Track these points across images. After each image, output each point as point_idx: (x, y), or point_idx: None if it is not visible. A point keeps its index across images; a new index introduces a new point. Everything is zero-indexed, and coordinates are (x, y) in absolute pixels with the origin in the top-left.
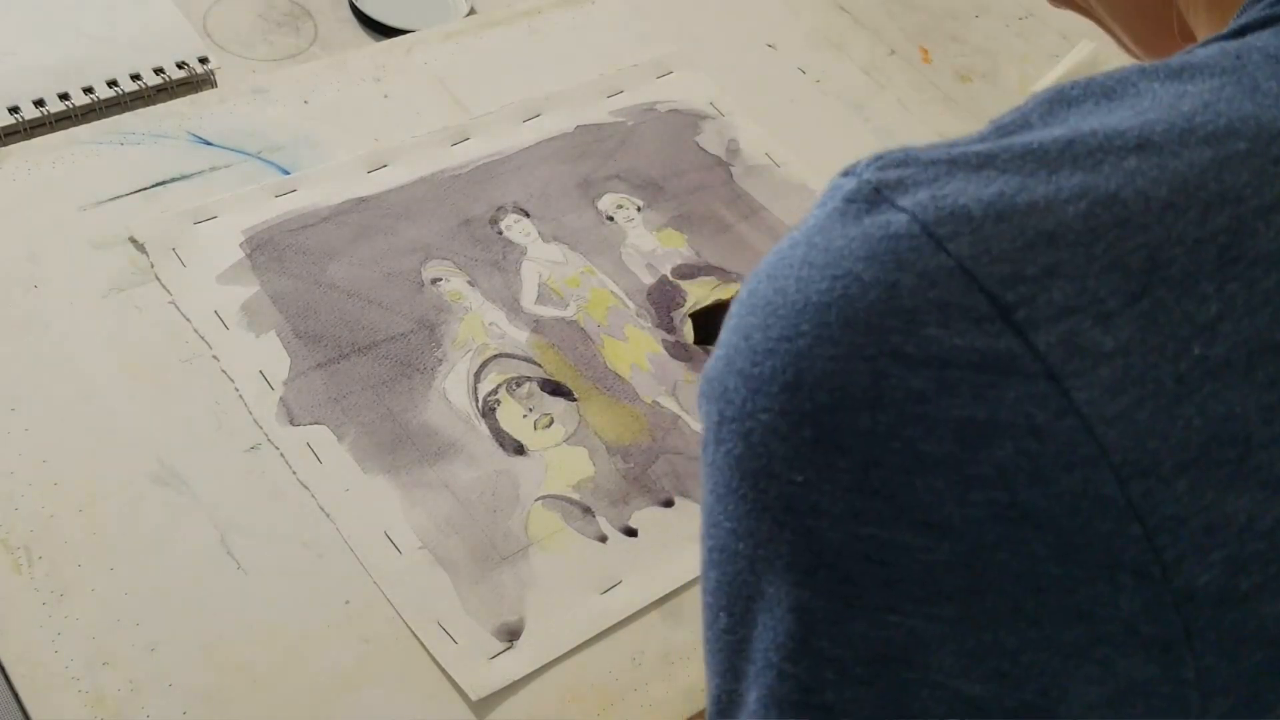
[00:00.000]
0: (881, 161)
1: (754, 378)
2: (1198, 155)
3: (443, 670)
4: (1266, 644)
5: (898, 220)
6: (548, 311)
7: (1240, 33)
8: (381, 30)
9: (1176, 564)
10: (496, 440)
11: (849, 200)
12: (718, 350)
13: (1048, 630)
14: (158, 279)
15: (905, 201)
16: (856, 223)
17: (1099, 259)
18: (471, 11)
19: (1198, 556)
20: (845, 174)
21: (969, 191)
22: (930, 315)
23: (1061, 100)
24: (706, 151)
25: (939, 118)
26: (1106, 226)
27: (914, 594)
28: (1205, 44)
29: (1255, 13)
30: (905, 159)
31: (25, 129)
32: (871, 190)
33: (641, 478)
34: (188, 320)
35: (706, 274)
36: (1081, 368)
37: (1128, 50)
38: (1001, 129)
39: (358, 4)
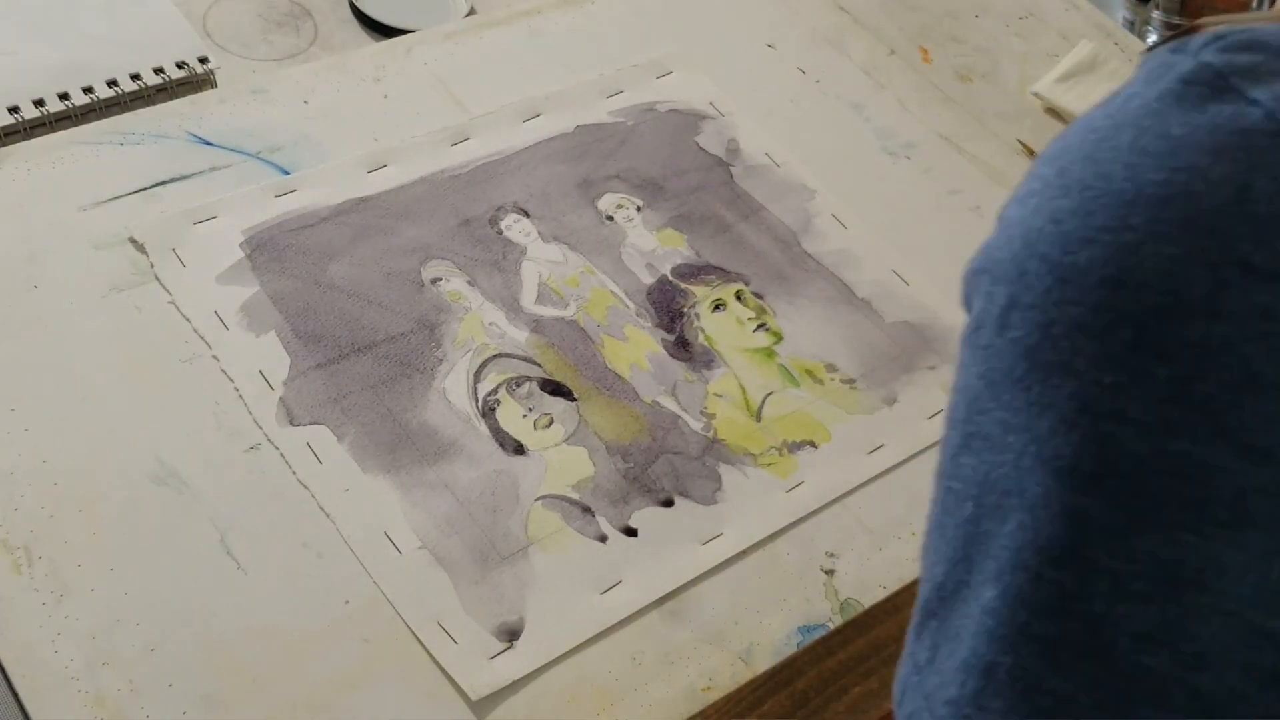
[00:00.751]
0: (1225, 42)
1: (1064, 266)
2: None
3: (443, 670)
4: None
5: (1252, 114)
6: (548, 311)
7: None
8: (381, 30)
9: None
10: (496, 440)
11: (1187, 82)
12: (1008, 228)
13: None
14: (158, 279)
15: (1260, 93)
16: (1199, 110)
17: None
18: (471, 11)
19: None
20: (1175, 50)
21: None
22: None
23: None
24: (706, 151)
25: (939, 118)
26: None
27: (1220, 517)
28: None
29: None
30: (1253, 42)
31: (25, 129)
32: (1215, 74)
33: (641, 478)
34: (188, 320)
35: (706, 274)
36: None
37: None
38: None
39: (358, 4)
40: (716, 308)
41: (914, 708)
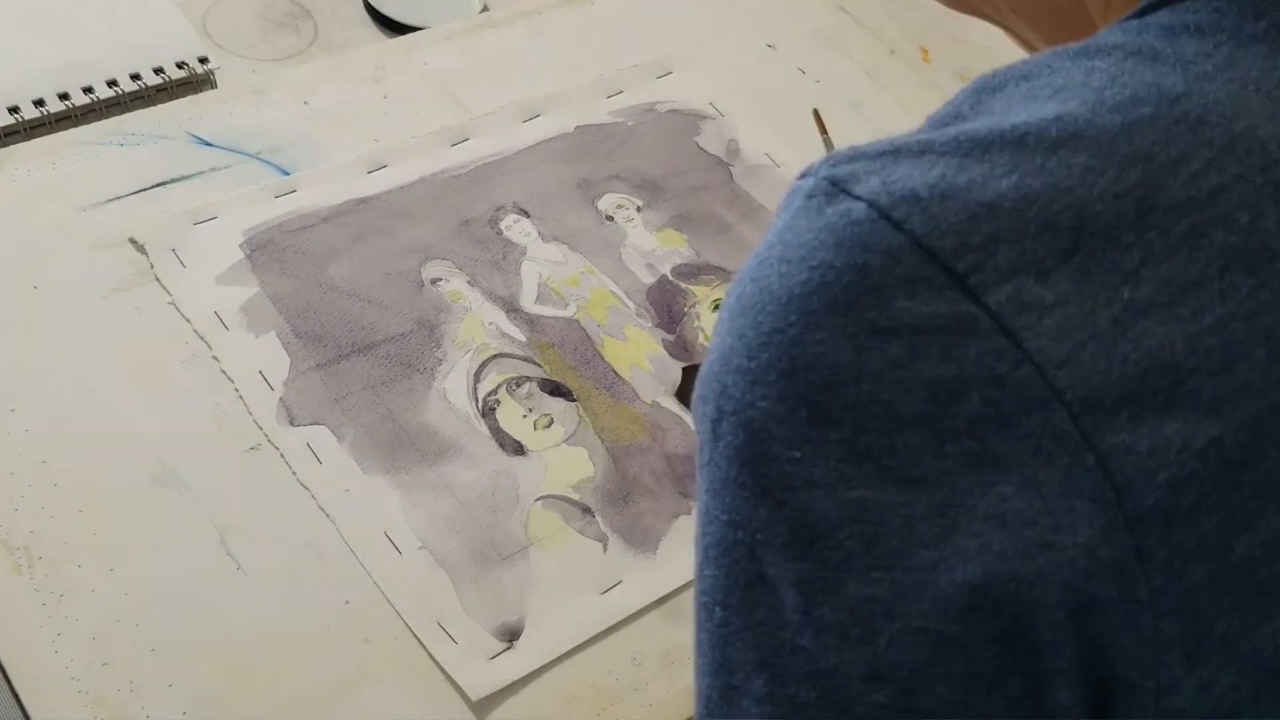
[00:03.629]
0: (833, 160)
1: (751, 370)
2: (1109, 122)
3: (443, 670)
4: (1205, 558)
5: (856, 208)
6: (548, 311)
7: (1141, 14)
8: (394, 27)
9: (1127, 488)
10: (496, 440)
11: (809, 196)
12: (710, 355)
13: (1012, 563)
14: (158, 280)
15: (860, 190)
16: (820, 215)
17: (1033, 223)
18: (485, 9)
19: (1145, 479)
20: (802, 176)
21: (914, 176)
22: (898, 289)
23: (986, 89)
24: (706, 151)
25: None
26: (1036, 193)
27: (893, 548)
28: (1110, 29)
29: None
30: (853, 155)
31: (25, 129)
32: (828, 184)
33: (641, 477)
34: (188, 321)
35: (706, 274)
36: (1029, 321)
37: (1030, 47)
38: (936, 121)
39: (373, 2)
40: (716, 308)
41: None
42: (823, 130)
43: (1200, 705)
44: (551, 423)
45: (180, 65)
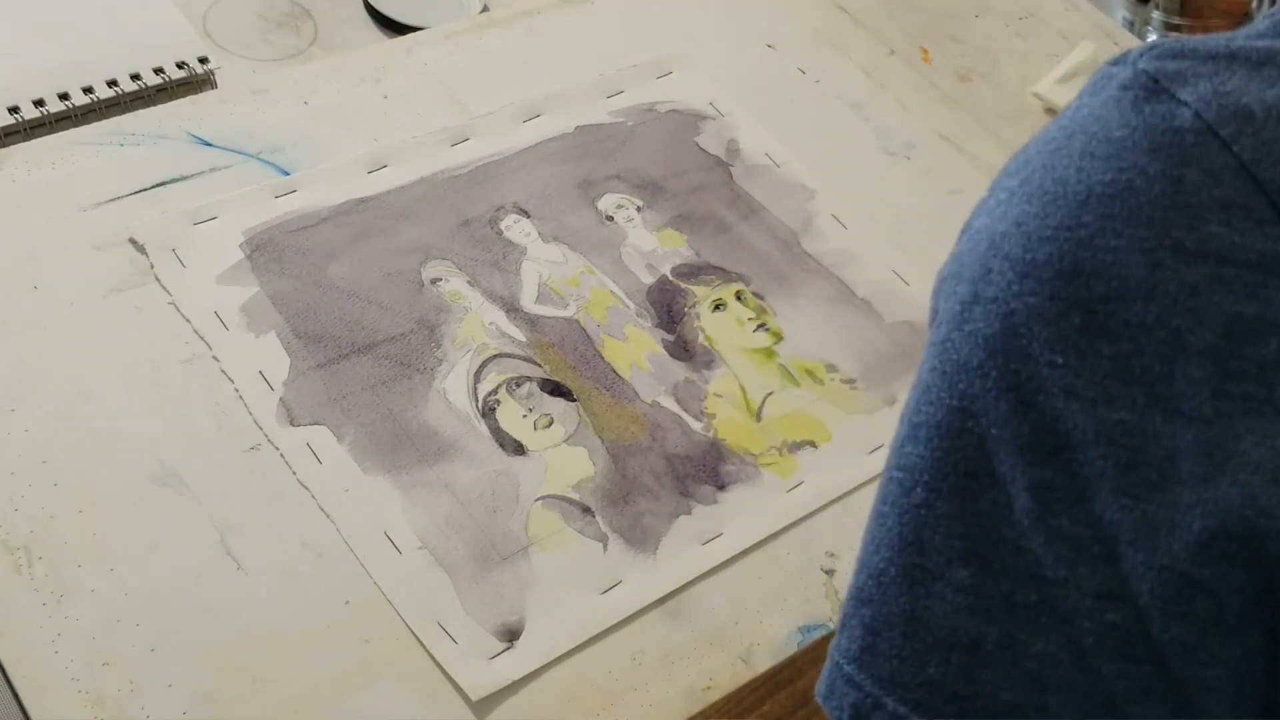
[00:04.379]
0: (1158, 51)
1: (1025, 263)
2: None
3: (443, 670)
4: None
5: (1181, 114)
6: (548, 311)
7: None
8: (394, 27)
9: None
10: (496, 440)
11: (1125, 88)
12: (974, 235)
13: (1278, 520)
14: (158, 280)
15: (1187, 94)
16: (1136, 112)
17: None
18: (485, 9)
19: None
20: (1115, 63)
21: (1251, 90)
22: (1213, 213)
23: None
24: (706, 151)
25: (939, 118)
26: None
27: (1150, 479)
28: None
29: None
30: (1182, 50)
31: (25, 129)
32: (1149, 79)
33: (641, 477)
34: (187, 321)
35: (706, 274)
36: None
37: None
38: (1276, 21)
39: (373, 2)
40: (716, 308)
41: (859, 698)
42: None
43: None
44: (551, 423)
45: (180, 65)
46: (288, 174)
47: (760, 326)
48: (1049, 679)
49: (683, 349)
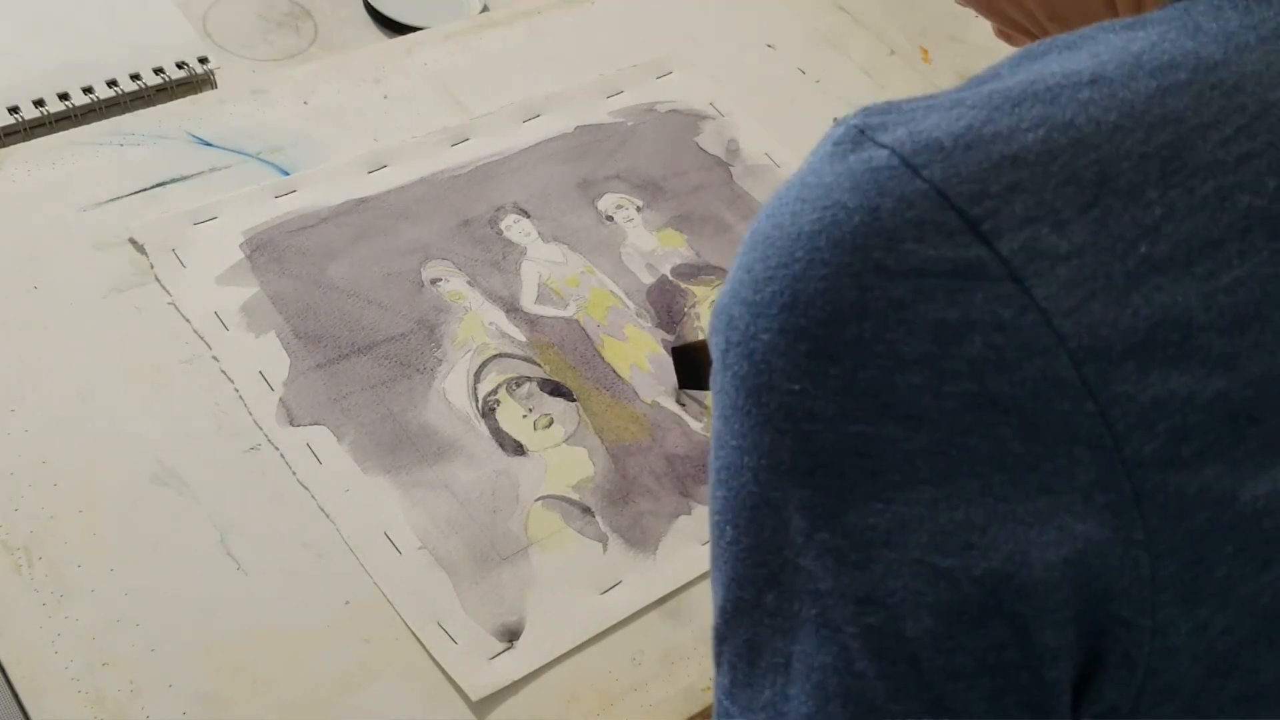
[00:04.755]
0: (867, 110)
1: (756, 304)
2: (1144, 85)
3: (443, 670)
4: (1207, 505)
5: (879, 155)
6: (548, 311)
7: None
8: (394, 27)
9: (1126, 435)
10: (496, 440)
11: (837, 143)
12: (725, 288)
13: (1013, 504)
14: (157, 280)
15: (885, 139)
16: (843, 160)
17: (1055, 175)
18: (485, 9)
19: (1145, 428)
20: (835, 125)
21: (941, 126)
22: (908, 232)
23: (1029, 55)
24: (706, 151)
25: None
26: (1062, 148)
27: (895, 481)
28: (1161, 8)
29: None
30: (888, 107)
31: (25, 129)
32: (856, 132)
33: (641, 477)
34: (187, 321)
35: (706, 274)
36: (1041, 269)
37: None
38: (974, 80)
39: (373, 2)
40: None
41: None
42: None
43: (1196, 646)
44: (551, 423)
45: (180, 65)
46: (288, 174)
47: None
48: (831, 689)
49: None
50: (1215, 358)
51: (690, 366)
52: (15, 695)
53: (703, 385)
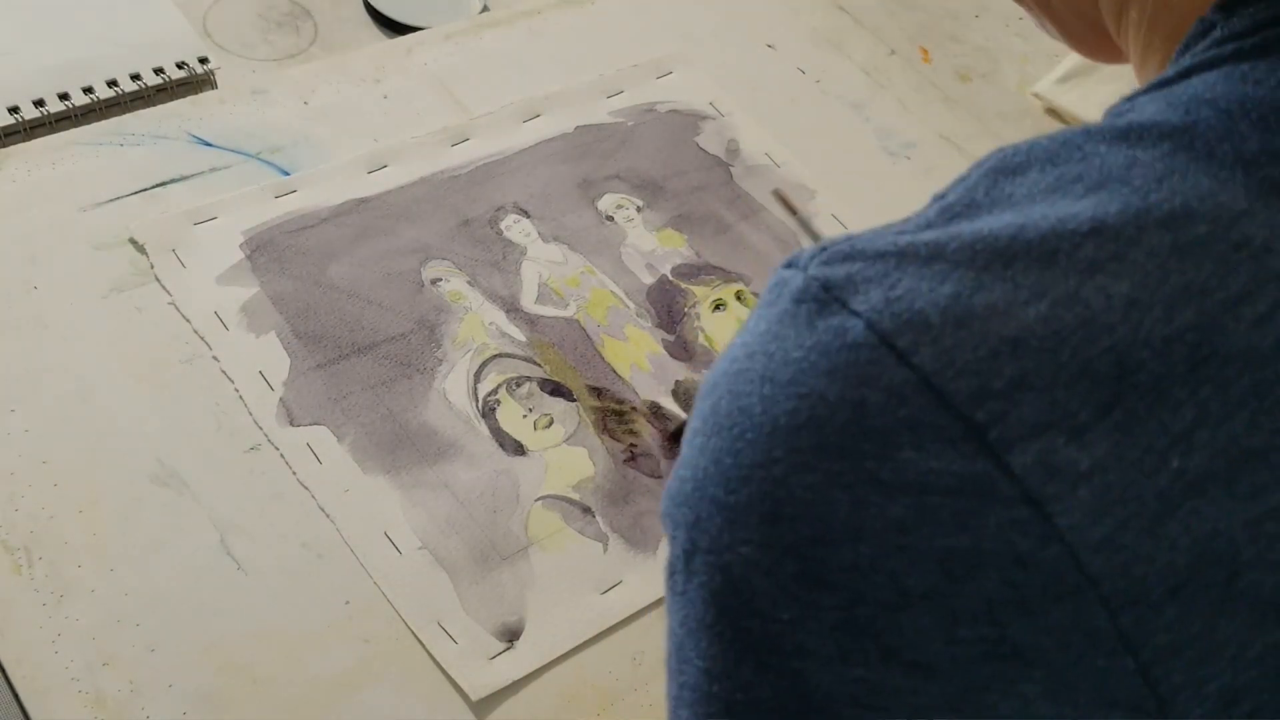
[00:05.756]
0: (826, 255)
1: (730, 507)
2: (1157, 241)
3: (443, 670)
4: None
5: (854, 327)
6: (548, 311)
7: (1185, 74)
8: (394, 27)
9: (1172, 698)
10: (496, 440)
11: (798, 301)
12: (681, 469)
13: None
14: (157, 280)
15: (858, 304)
16: (810, 329)
17: (1066, 367)
18: (485, 9)
19: (1192, 689)
20: (788, 265)
21: (923, 292)
22: (903, 436)
23: (1005, 169)
24: (706, 151)
25: (939, 118)
26: (1070, 329)
27: None
28: (1149, 90)
29: (1200, 53)
30: (850, 252)
31: (25, 129)
32: (820, 289)
33: (641, 478)
34: (187, 321)
35: (707, 274)
36: (1060, 490)
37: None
38: (947, 210)
39: (373, 2)
40: (717, 308)
41: None
42: (791, 211)
43: None
44: (551, 423)
45: (180, 65)
46: (288, 174)
47: None
48: None
49: (683, 349)
50: (1266, 601)
51: None
52: (15, 695)
53: None
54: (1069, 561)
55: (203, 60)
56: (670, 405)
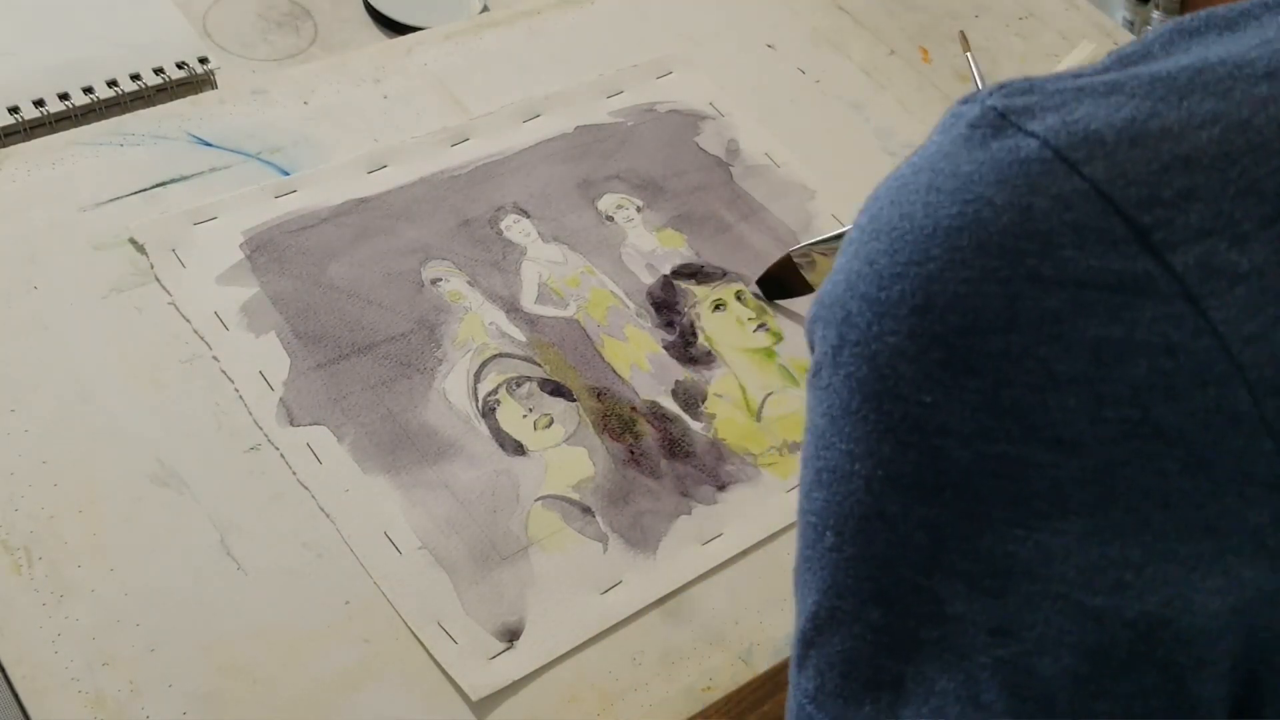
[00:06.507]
0: (1006, 89)
1: (880, 302)
2: None
3: (443, 670)
4: None
5: (1028, 145)
6: (548, 311)
7: None
8: (394, 27)
9: None
10: (496, 440)
11: (973, 126)
12: (834, 275)
13: (1174, 543)
14: (158, 280)
15: (1034, 126)
16: (983, 148)
17: (1234, 183)
18: (485, 9)
19: None
20: (965, 101)
21: (1099, 116)
22: (1066, 237)
23: (1182, 31)
24: (706, 152)
25: (939, 118)
26: (1241, 151)
27: (1041, 509)
28: None
29: None
30: (1030, 86)
31: (25, 129)
32: (997, 116)
33: (641, 478)
34: (187, 321)
35: (707, 274)
36: (1218, 288)
37: None
38: (1124, 59)
39: (373, 2)
40: (717, 308)
41: None
42: (967, 47)
43: None
44: (551, 423)
45: (180, 65)
46: (288, 174)
47: (760, 326)
48: (951, 715)
49: (683, 349)
50: None
51: (776, 288)
52: (15, 695)
53: (792, 294)
54: (1219, 351)
55: (203, 60)
56: (670, 405)
